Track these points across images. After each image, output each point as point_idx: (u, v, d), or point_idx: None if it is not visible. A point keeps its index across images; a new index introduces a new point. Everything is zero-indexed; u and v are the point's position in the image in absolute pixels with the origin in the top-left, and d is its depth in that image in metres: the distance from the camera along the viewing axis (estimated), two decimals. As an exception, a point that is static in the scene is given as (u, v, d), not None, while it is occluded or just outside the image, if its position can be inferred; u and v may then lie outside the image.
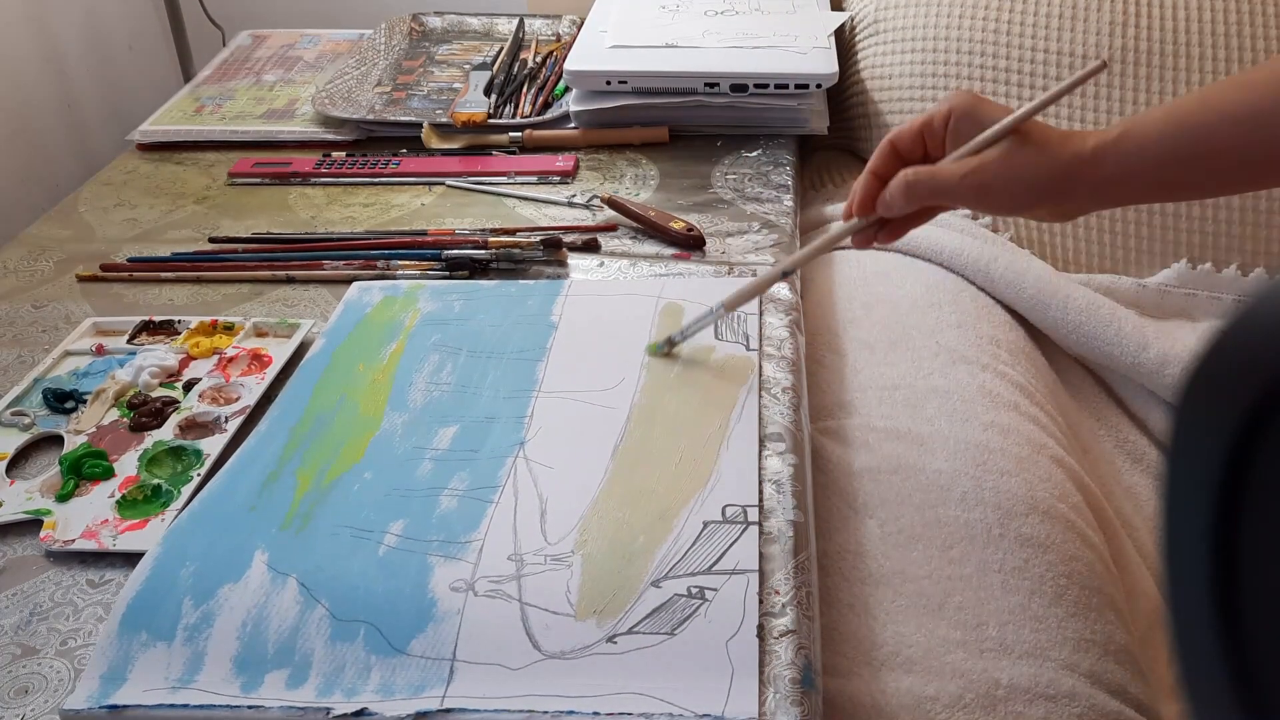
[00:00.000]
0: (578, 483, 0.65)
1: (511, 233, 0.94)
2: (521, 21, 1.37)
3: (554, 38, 1.35)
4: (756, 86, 1.08)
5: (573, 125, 1.13)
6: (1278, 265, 1.01)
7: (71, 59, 1.36)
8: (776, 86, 1.08)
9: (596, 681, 0.53)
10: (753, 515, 0.61)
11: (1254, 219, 1.00)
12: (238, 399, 0.76)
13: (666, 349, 0.75)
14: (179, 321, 0.84)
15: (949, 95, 0.66)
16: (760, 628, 0.55)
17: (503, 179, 1.06)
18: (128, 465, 0.70)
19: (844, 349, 0.89)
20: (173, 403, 0.75)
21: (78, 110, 1.36)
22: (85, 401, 0.76)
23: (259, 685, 0.54)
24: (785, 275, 0.75)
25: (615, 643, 0.55)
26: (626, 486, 0.64)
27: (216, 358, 0.80)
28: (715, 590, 0.57)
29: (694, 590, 0.57)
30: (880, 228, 0.69)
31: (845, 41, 1.21)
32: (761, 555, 0.59)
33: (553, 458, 0.67)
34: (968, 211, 1.09)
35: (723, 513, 0.62)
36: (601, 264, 0.90)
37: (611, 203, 0.96)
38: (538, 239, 0.90)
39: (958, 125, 0.64)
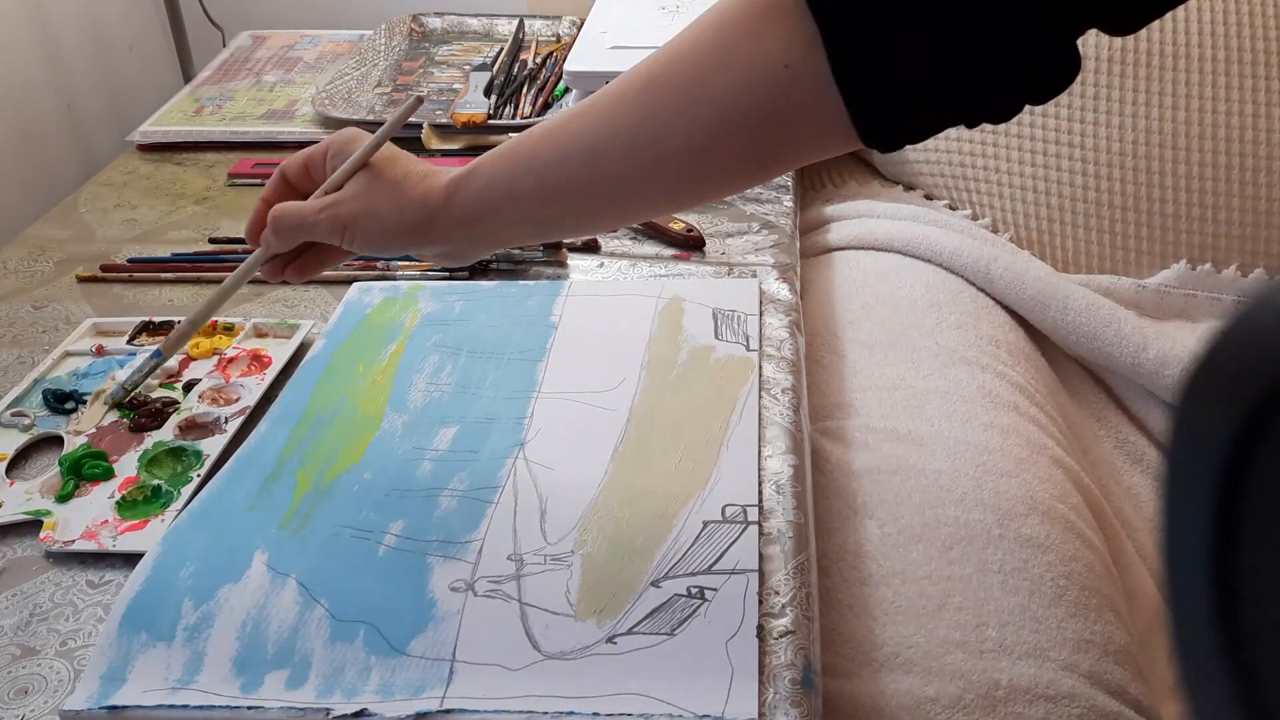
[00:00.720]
0: (577, 483, 0.65)
1: (511, 233, 0.94)
2: (521, 22, 1.37)
3: (554, 38, 1.35)
4: (756, 87, 1.08)
5: (573, 126, 1.13)
6: (1278, 265, 1.01)
7: (71, 60, 1.36)
8: (776, 87, 1.08)
9: (596, 682, 0.53)
10: (752, 515, 0.61)
11: (1254, 220, 1.00)
12: (238, 399, 0.76)
13: (121, 395, 0.75)
14: (179, 322, 0.84)
15: (335, 133, 0.64)
16: (760, 628, 0.55)
17: (503, 179, 1.06)
18: (127, 466, 0.70)
19: (844, 349, 0.89)
20: (173, 403, 0.75)
21: (78, 111, 1.36)
22: (85, 402, 0.76)
23: (259, 686, 0.54)
24: (232, 291, 0.68)
25: (615, 643, 0.55)
26: (626, 486, 0.64)
27: (216, 358, 0.80)
28: (715, 590, 0.57)
29: (694, 590, 0.57)
30: (291, 259, 0.66)
31: (845, 42, 1.21)
32: (761, 556, 0.59)
33: (552, 458, 0.67)
34: (967, 211, 1.09)
35: (722, 513, 0.62)
36: (601, 264, 0.90)
37: (611, 203, 0.96)
38: (538, 239, 0.90)
39: (334, 162, 0.63)
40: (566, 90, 1.16)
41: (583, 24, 1.25)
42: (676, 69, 0.54)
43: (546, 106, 1.17)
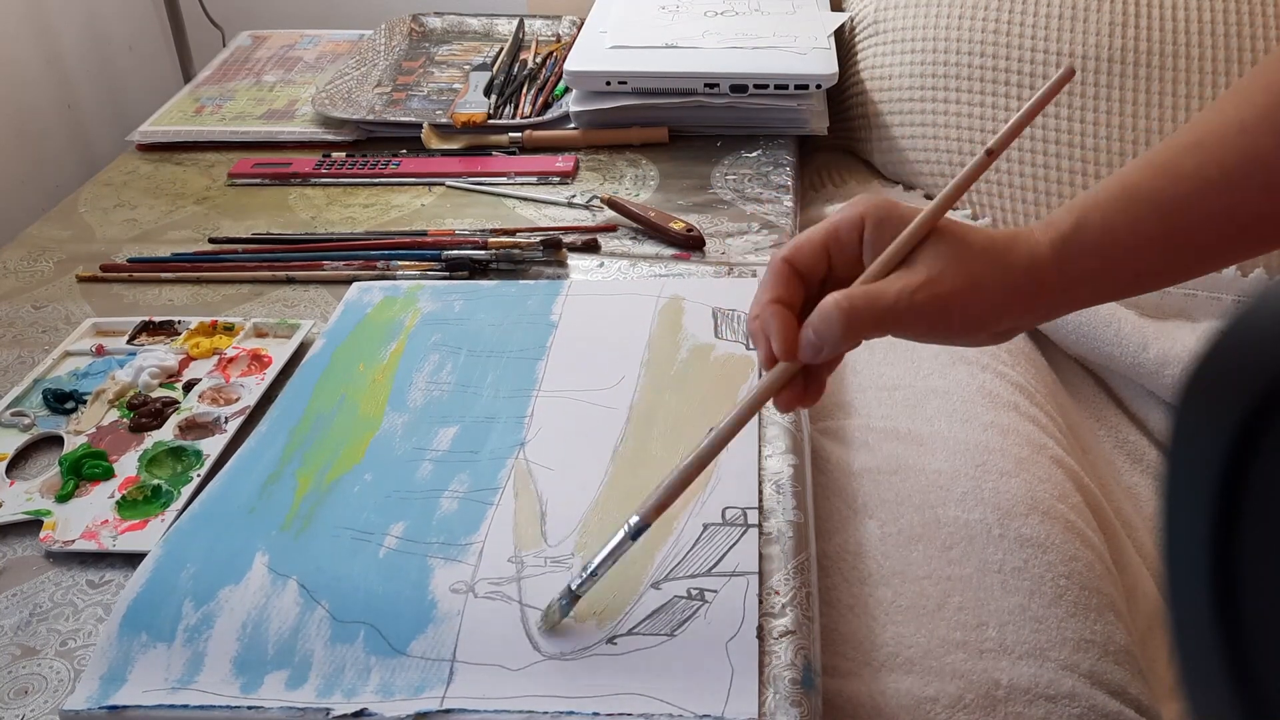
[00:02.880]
0: (577, 484, 0.65)
1: (511, 233, 0.94)
2: (521, 22, 1.37)
3: (554, 38, 1.35)
4: (756, 87, 1.08)
5: (573, 126, 1.13)
6: (1278, 265, 1.01)
7: (71, 60, 1.36)
8: (776, 87, 1.08)
9: (596, 682, 0.53)
10: (752, 518, 0.61)
11: (1254, 219, 1.00)
12: (238, 399, 0.76)
13: (572, 604, 0.55)
14: (179, 322, 0.84)
15: (856, 200, 0.53)
16: (760, 628, 0.55)
17: (503, 179, 1.06)
18: (128, 466, 0.70)
19: (844, 349, 0.88)
20: (173, 403, 0.75)
21: (78, 111, 1.36)
22: (85, 402, 0.76)
23: (259, 686, 0.54)
24: (713, 456, 0.53)
25: (615, 644, 0.55)
26: (626, 488, 0.64)
27: (216, 358, 0.80)
28: (715, 592, 0.57)
29: (694, 592, 0.57)
30: (804, 377, 0.52)
31: (845, 42, 1.21)
32: (761, 556, 0.59)
33: (552, 459, 0.67)
34: (968, 210, 1.09)
35: (722, 515, 0.62)
36: (601, 264, 0.90)
37: (611, 203, 0.96)
38: (538, 239, 0.90)
39: (875, 235, 0.51)
40: (566, 90, 1.16)
41: (583, 24, 1.25)
42: None
43: (546, 106, 1.17)
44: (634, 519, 0.53)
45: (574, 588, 0.54)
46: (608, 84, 1.10)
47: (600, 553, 0.54)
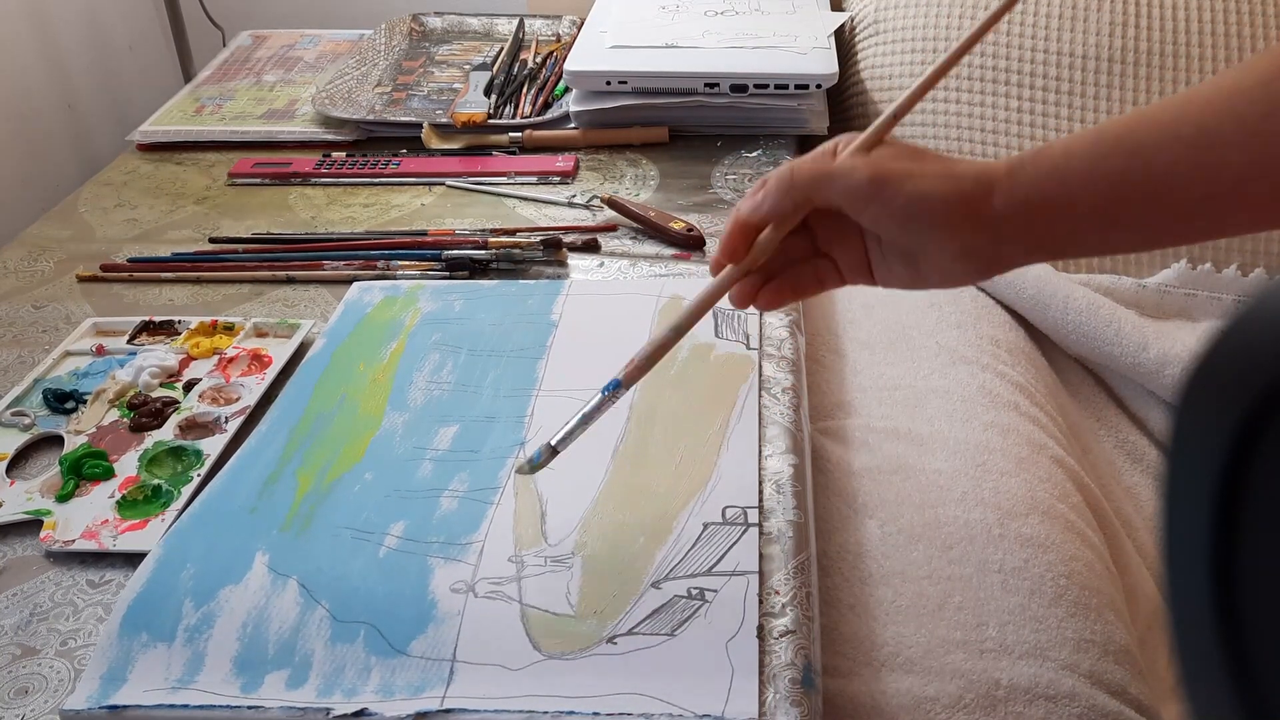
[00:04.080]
0: (578, 484, 0.64)
1: (511, 233, 0.94)
2: (521, 22, 1.37)
3: (554, 38, 1.35)
4: (756, 87, 1.08)
5: (573, 125, 1.13)
6: (1278, 265, 1.01)
7: (71, 59, 1.36)
8: (776, 87, 1.08)
9: (596, 682, 0.53)
10: (753, 517, 0.61)
11: (1254, 219, 1.00)
12: (238, 399, 0.76)
13: (550, 456, 0.59)
14: (179, 322, 0.84)
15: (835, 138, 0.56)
16: (760, 628, 0.55)
17: (503, 179, 1.06)
18: (128, 465, 0.70)
19: (844, 349, 0.89)
20: (173, 403, 0.75)
21: (78, 110, 1.36)
22: (85, 402, 0.76)
23: (259, 686, 0.54)
24: (678, 336, 0.58)
25: (615, 643, 0.55)
26: (626, 488, 0.64)
27: (216, 358, 0.80)
28: (715, 592, 0.57)
29: (694, 591, 0.57)
30: (764, 282, 0.56)
31: (845, 41, 1.21)
32: (761, 555, 0.59)
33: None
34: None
35: (723, 514, 0.62)
36: (601, 264, 0.90)
37: (611, 203, 0.96)
38: (538, 239, 0.90)
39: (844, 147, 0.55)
40: (566, 90, 1.16)
41: (583, 24, 1.25)
42: None
43: (546, 106, 1.17)
44: (610, 381, 0.57)
45: (553, 443, 0.58)
46: (608, 84, 1.10)
47: (580, 410, 0.57)
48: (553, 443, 0.58)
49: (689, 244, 0.92)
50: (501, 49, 1.30)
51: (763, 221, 0.55)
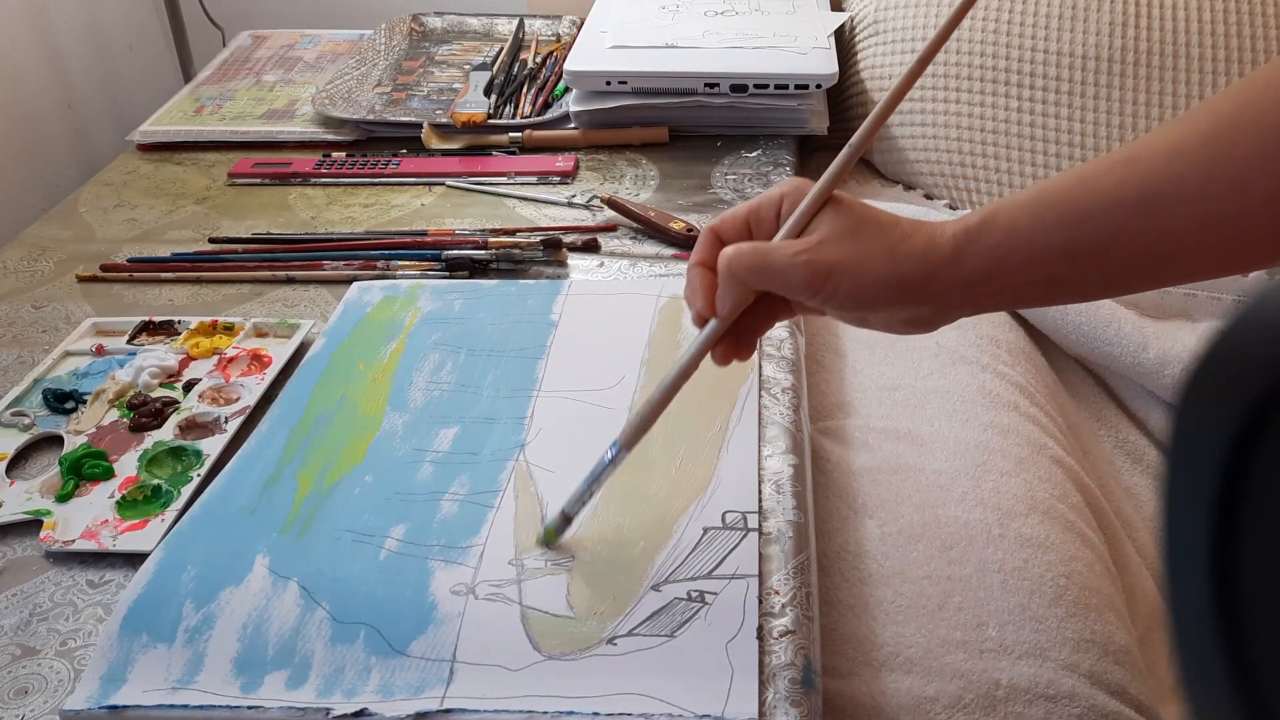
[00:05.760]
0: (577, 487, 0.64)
1: (511, 233, 0.94)
2: (521, 22, 1.37)
3: (554, 38, 1.35)
4: (756, 87, 1.08)
5: (573, 125, 1.13)
6: (1278, 265, 1.01)
7: (71, 59, 1.36)
8: (776, 87, 1.08)
9: (596, 682, 0.53)
10: (752, 522, 0.61)
11: (1254, 219, 1.00)
12: (238, 399, 0.76)
13: (565, 527, 0.60)
14: (179, 322, 0.84)
15: (781, 181, 0.55)
16: (760, 628, 0.55)
17: (503, 179, 1.06)
18: (128, 465, 0.70)
19: (844, 349, 0.89)
20: (173, 403, 0.75)
21: (78, 111, 1.36)
22: (85, 402, 0.76)
23: (259, 686, 0.54)
24: (671, 395, 0.58)
25: (615, 644, 0.55)
26: (626, 492, 0.64)
27: (216, 358, 0.80)
28: (715, 594, 0.57)
29: (694, 594, 0.57)
30: (731, 336, 0.56)
31: (845, 41, 1.21)
32: (761, 556, 0.59)
33: (553, 461, 0.67)
34: (968, 210, 1.09)
35: (722, 519, 0.62)
36: (601, 264, 0.90)
37: (611, 203, 0.96)
38: (538, 239, 0.90)
39: (790, 209, 0.53)
40: (566, 90, 1.16)
41: (583, 24, 1.25)
42: (1257, 112, 0.44)
43: (546, 106, 1.17)
44: (614, 445, 0.58)
45: (565, 510, 0.59)
46: (608, 84, 1.10)
47: (586, 476, 0.58)
48: (565, 510, 0.59)
49: (689, 244, 0.92)
50: (501, 49, 1.30)
51: (730, 317, 0.54)
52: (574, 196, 1.01)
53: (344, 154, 1.11)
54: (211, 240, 0.97)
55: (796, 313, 0.57)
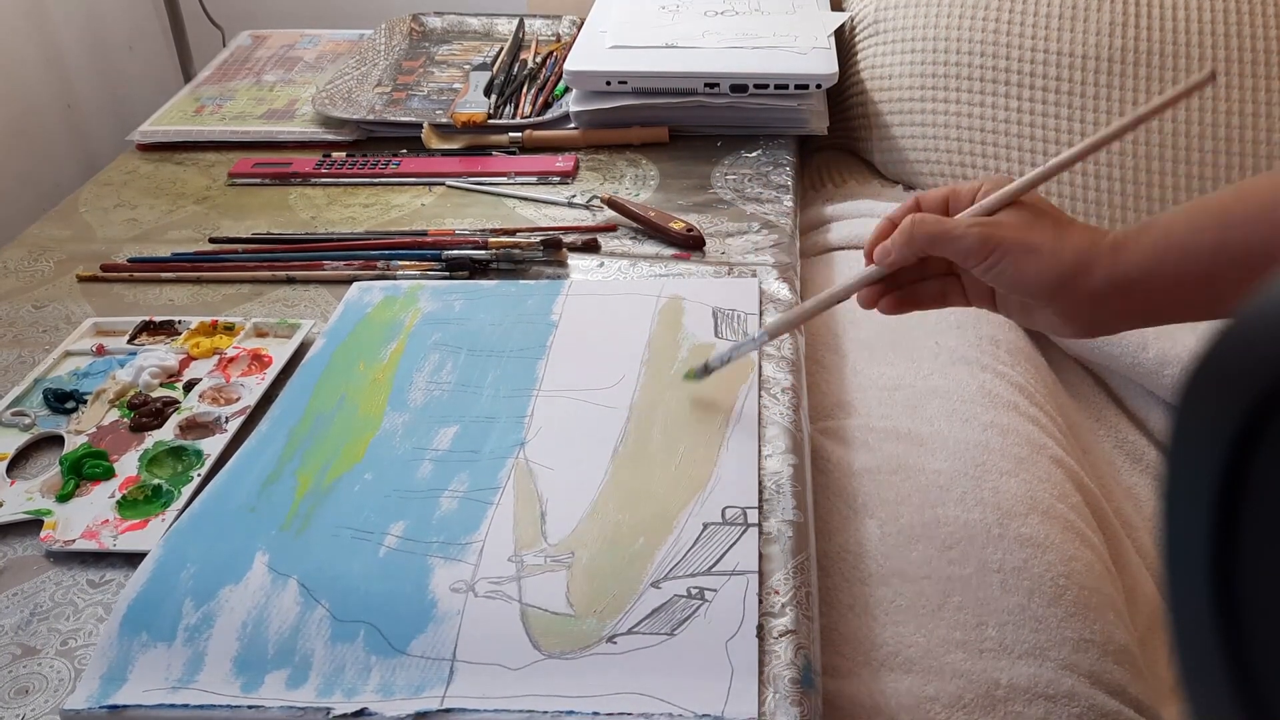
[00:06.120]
0: (578, 484, 0.65)
1: (511, 233, 0.94)
2: (521, 22, 1.37)
3: (554, 38, 1.35)
4: (756, 87, 1.08)
5: (573, 125, 1.13)
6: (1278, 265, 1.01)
7: (71, 59, 1.36)
8: (776, 87, 1.08)
9: (596, 681, 0.53)
10: (752, 517, 0.61)
11: (1254, 219, 1.00)
12: (238, 399, 0.76)
13: (704, 373, 0.70)
14: (179, 322, 0.84)
15: (984, 176, 0.61)
16: (760, 628, 0.55)
17: (503, 179, 1.06)
18: (128, 465, 0.70)
19: (844, 349, 0.89)
20: (173, 403, 0.75)
21: (78, 110, 1.36)
22: (85, 402, 0.76)
23: (259, 685, 0.54)
24: (838, 300, 0.65)
25: (615, 643, 0.55)
26: (626, 488, 0.64)
27: (217, 358, 0.80)
28: (715, 591, 0.57)
29: (694, 591, 0.57)
30: (891, 290, 0.63)
31: (845, 41, 1.21)
32: (761, 555, 0.59)
33: (553, 459, 0.67)
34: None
35: (722, 515, 0.62)
36: (601, 264, 0.90)
37: (611, 203, 0.96)
38: (538, 239, 0.90)
39: (984, 195, 0.60)
40: (566, 90, 1.16)
41: (583, 24, 1.25)
42: None
43: (546, 106, 1.17)
44: (760, 331, 0.69)
45: (709, 363, 0.69)
46: (608, 84, 1.10)
47: (732, 345, 0.70)
48: (709, 364, 0.69)
49: (689, 244, 0.92)
50: (501, 49, 1.30)
51: (890, 267, 0.61)
52: (574, 196, 1.01)
53: (344, 154, 1.11)
54: (211, 240, 0.97)
55: (969, 300, 0.62)
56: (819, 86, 1.08)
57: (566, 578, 0.58)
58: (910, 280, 0.63)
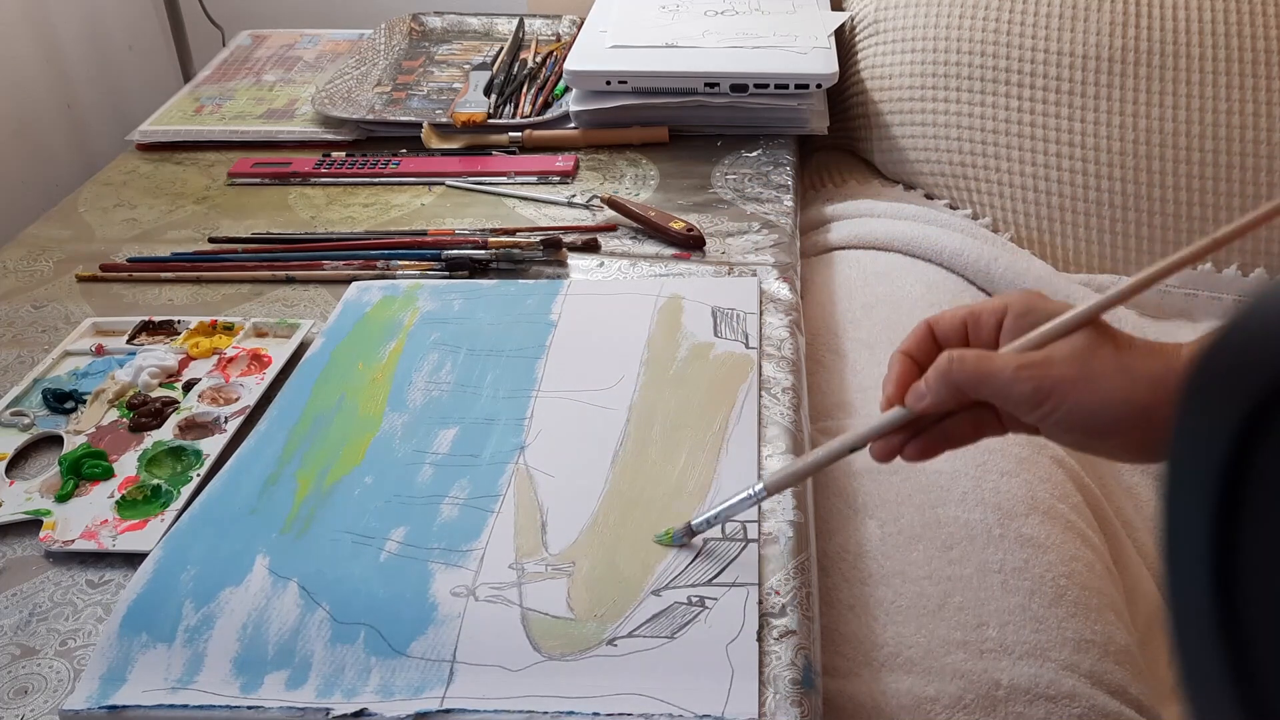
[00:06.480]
0: (578, 492, 0.64)
1: (511, 233, 0.94)
2: (521, 21, 1.37)
3: (554, 38, 1.35)
4: (756, 86, 1.08)
5: (573, 125, 1.13)
6: (1278, 265, 1.01)
7: (71, 59, 1.36)
8: (776, 86, 1.08)
9: (596, 682, 0.53)
10: (752, 532, 0.61)
11: (1254, 219, 1.00)
12: (237, 399, 0.75)
13: (685, 539, 0.60)
14: (179, 322, 0.84)
15: (1006, 293, 0.53)
16: (760, 629, 0.55)
17: (503, 179, 1.06)
18: (127, 465, 0.70)
19: (844, 349, 0.88)
20: (172, 403, 0.75)
21: (78, 110, 1.36)
22: (85, 402, 0.76)
23: (259, 686, 0.54)
24: (854, 450, 0.55)
25: (615, 645, 0.55)
26: (626, 498, 0.64)
27: (216, 358, 0.80)
28: (715, 600, 0.57)
29: (694, 599, 0.57)
30: (912, 436, 0.53)
31: (845, 41, 1.21)
32: (761, 556, 0.59)
33: (553, 464, 0.67)
34: (968, 210, 1.09)
35: (722, 530, 0.61)
36: (601, 264, 0.90)
37: (611, 203, 0.96)
38: (538, 239, 0.90)
39: (1016, 324, 0.51)
40: (566, 90, 1.16)
41: (583, 23, 1.25)
42: None
43: (546, 106, 1.17)
44: (758, 486, 0.58)
45: (693, 524, 0.59)
46: (608, 83, 1.10)
47: (724, 503, 0.59)
48: (692, 525, 0.59)
49: (689, 244, 0.92)
50: (501, 49, 1.30)
51: (924, 412, 0.52)
52: (574, 196, 1.01)
53: (344, 154, 1.11)
54: (211, 240, 0.97)
55: (1008, 430, 0.53)
56: (819, 86, 1.08)
57: (567, 584, 0.58)
58: (935, 419, 0.53)
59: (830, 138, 1.17)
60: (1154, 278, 0.51)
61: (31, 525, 0.66)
